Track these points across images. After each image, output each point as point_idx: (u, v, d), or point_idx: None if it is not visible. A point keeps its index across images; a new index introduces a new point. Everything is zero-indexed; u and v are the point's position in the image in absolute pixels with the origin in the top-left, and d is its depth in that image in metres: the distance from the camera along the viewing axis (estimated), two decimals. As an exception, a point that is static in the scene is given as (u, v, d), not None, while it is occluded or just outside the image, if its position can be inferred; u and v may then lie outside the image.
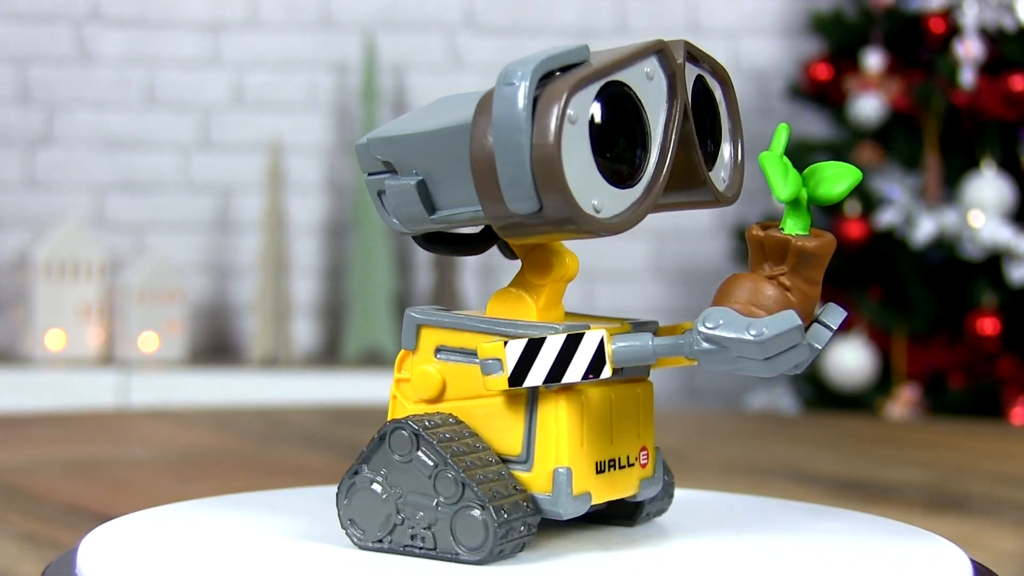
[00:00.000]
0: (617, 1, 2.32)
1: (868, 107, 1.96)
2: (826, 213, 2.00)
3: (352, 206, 2.20)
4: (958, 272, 1.93)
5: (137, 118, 2.24)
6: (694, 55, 0.40)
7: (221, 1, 2.26)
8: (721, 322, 0.36)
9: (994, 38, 1.94)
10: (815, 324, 0.38)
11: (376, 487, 0.39)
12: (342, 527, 0.39)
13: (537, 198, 0.36)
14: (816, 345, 0.37)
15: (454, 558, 0.37)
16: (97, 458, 0.81)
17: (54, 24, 2.23)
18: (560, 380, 0.37)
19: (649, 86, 0.38)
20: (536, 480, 0.38)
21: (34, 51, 2.22)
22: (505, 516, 0.37)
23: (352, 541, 0.39)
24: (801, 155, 2.02)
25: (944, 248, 1.90)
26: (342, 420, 1.05)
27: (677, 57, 0.39)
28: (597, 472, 0.39)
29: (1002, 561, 0.53)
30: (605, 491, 0.40)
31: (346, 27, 2.26)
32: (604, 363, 0.37)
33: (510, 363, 0.38)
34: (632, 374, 0.40)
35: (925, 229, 1.88)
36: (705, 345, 0.36)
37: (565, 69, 0.37)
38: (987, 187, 1.89)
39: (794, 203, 0.38)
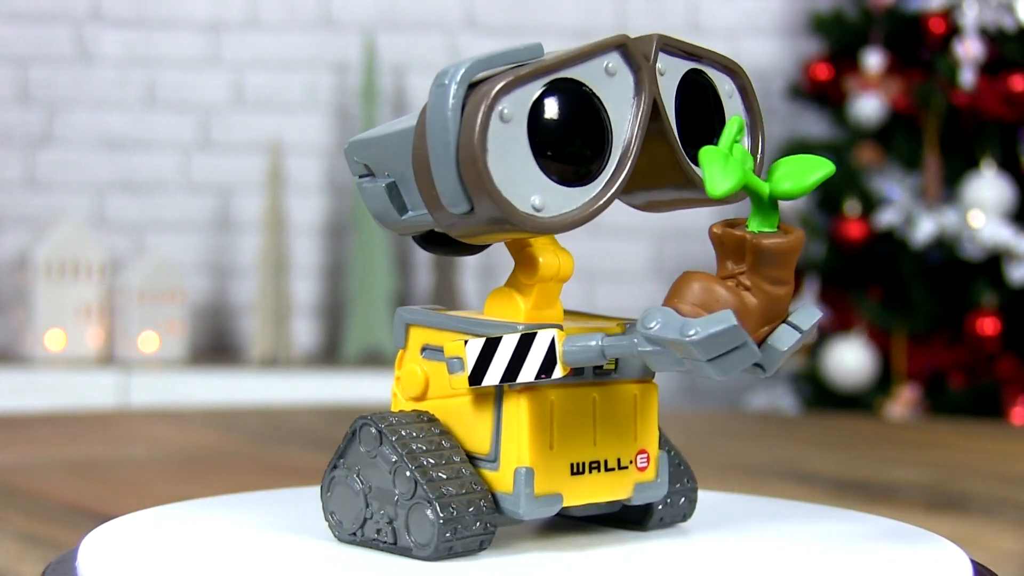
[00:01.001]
0: (617, 1, 2.32)
1: (868, 107, 1.96)
2: (826, 213, 2.00)
3: (352, 206, 2.20)
4: (958, 272, 1.93)
5: (137, 118, 2.24)
6: (684, 50, 0.40)
7: (221, 1, 2.26)
8: (659, 322, 0.35)
9: (994, 38, 1.94)
10: (782, 325, 0.37)
11: (350, 481, 0.39)
12: (325, 519, 0.40)
13: (467, 198, 0.36)
14: (779, 347, 0.36)
15: (408, 554, 0.38)
16: (97, 458, 0.81)
17: (54, 24, 2.23)
18: (515, 379, 0.37)
19: (610, 82, 0.38)
20: (501, 479, 0.38)
21: (34, 51, 2.22)
22: (453, 514, 0.37)
23: (333, 534, 0.40)
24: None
25: (944, 248, 1.90)
26: (342, 420, 1.05)
27: (645, 52, 0.38)
28: (573, 473, 0.38)
29: (1002, 561, 0.53)
30: (583, 494, 0.39)
31: (346, 27, 2.26)
32: (555, 363, 0.37)
33: (469, 362, 0.38)
34: (632, 374, 0.40)
35: (925, 229, 1.88)
36: (647, 346, 0.35)
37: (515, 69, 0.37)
38: (987, 187, 1.88)
39: (758, 200, 0.37)
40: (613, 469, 0.39)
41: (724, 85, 0.41)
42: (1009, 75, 1.91)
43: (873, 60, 1.98)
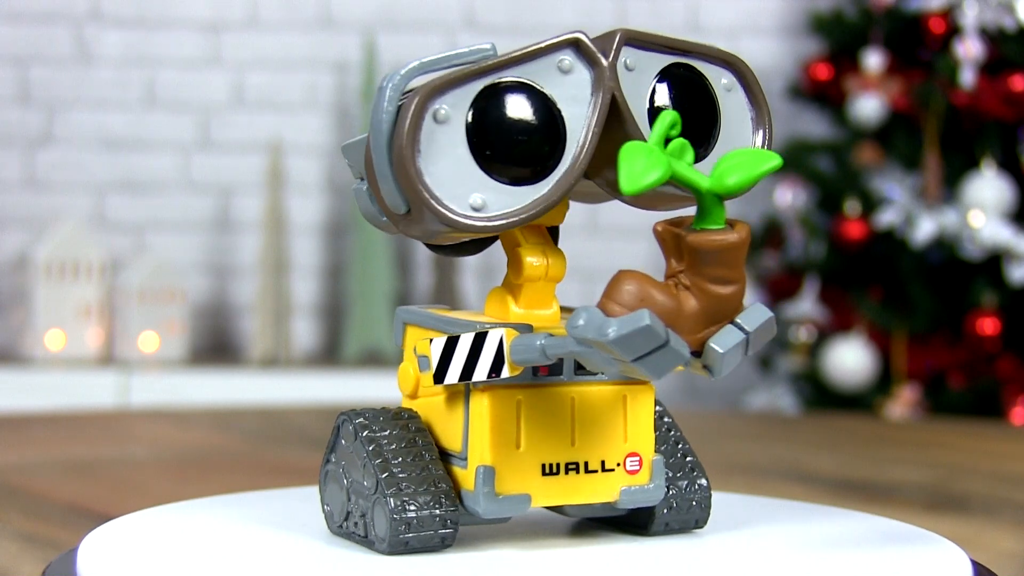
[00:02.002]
0: (617, 1, 2.32)
1: (868, 107, 1.96)
2: (826, 213, 2.00)
3: (352, 206, 2.20)
4: (958, 272, 1.93)
5: (137, 118, 2.24)
6: (667, 44, 0.39)
7: (221, 1, 2.26)
8: (583, 321, 0.34)
9: (994, 38, 1.94)
10: (727, 326, 0.36)
11: (338, 475, 0.40)
12: (322, 511, 0.41)
13: (404, 200, 0.36)
14: (717, 347, 0.36)
15: (373, 547, 0.38)
16: (97, 458, 0.81)
17: (54, 24, 2.23)
18: (471, 378, 0.37)
19: (564, 80, 0.38)
20: (468, 477, 0.38)
21: (34, 51, 2.22)
22: (408, 509, 0.37)
23: (327, 525, 0.40)
24: (801, 155, 2.02)
25: (944, 248, 1.90)
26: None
27: (605, 48, 0.38)
28: (545, 474, 0.38)
29: (1002, 561, 0.53)
30: (556, 495, 0.38)
31: (346, 27, 2.26)
32: (503, 362, 0.37)
33: (433, 360, 0.38)
34: (622, 376, 0.39)
35: (925, 229, 1.88)
36: (578, 346, 0.35)
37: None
38: (987, 187, 1.88)
39: (698, 196, 0.36)
40: (595, 471, 0.39)
41: (720, 79, 0.40)
42: (1009, 75, 1.91)
43: (873, 60, 1.98)
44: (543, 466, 0.38)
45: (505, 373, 0.37)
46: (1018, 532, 0.61)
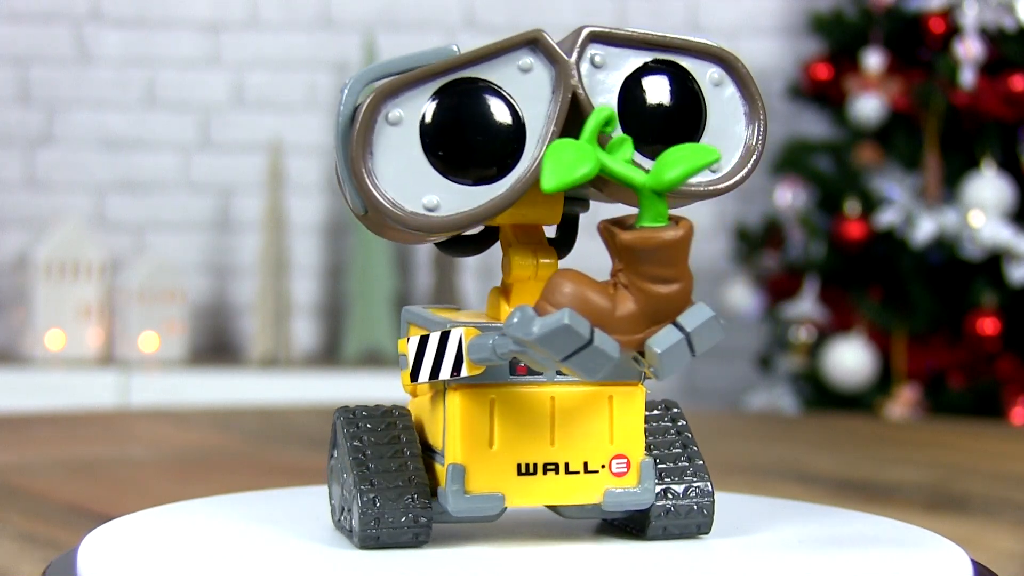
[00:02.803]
0: (617, 1, 2.32)
1: (868, 107, 1.96)
2: (826, 213, 2.00)
3: (352, 206, 2.20)
4: (958, 272, 1.93)
5: (137, 118, 2.24)
6: (645, 40, 0.39)
7: (221, 1, 2.26)
8: (516, 320, 0.34)
9: (994, 38, 1.94)
10: (668, 325, 0.35)
11: (336, 470, 0.41)
12: (329, 504, 0.41)
13: (360, 199, 0.37)
14: (654, 347, 0.35)
15: (351, 541, 0.39)
16: (97, 458, 0.81)
17: (54, 24, 2.22)
18: (438, 377, 0.37)
19: (524, 79, 0.38)
20: (443, 475, 0.38)
21: (34, 51, 2.22)
22: (376, 505, 0.38)
23: (331, 519, 0.41)
24: (801, 155, 2.02)
25: (944, 248, 1.90)
26: (342, 420, 1.05)
27: (568, 46, 0.38)
28: (520, 474, 0.38)
29: (1002, 561, 0.53)
30: (533, 495, 0.38)
31: (346, 27, 2.26)
32: (463, 361, 0.37)
33: (409, 359, 0.38)
34: (610, 376, 0.37)
35: (925, 229, 1.88)
36: (515, 345, 0.34)
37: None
38: (987, 187, 1.88)
39: (638, 193, 0.35)
40: (577, 472, 0.38)
41: (708, 73, 0.39)
42: (1009, 75, 1.91)
43: (873, 60, 1.98)
44: (519, 466, 0.38)
45: (464, 372, 0.37)
46: (1018, 532, 0.61)
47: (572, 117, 0.37)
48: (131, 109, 2.24)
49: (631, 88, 0.38)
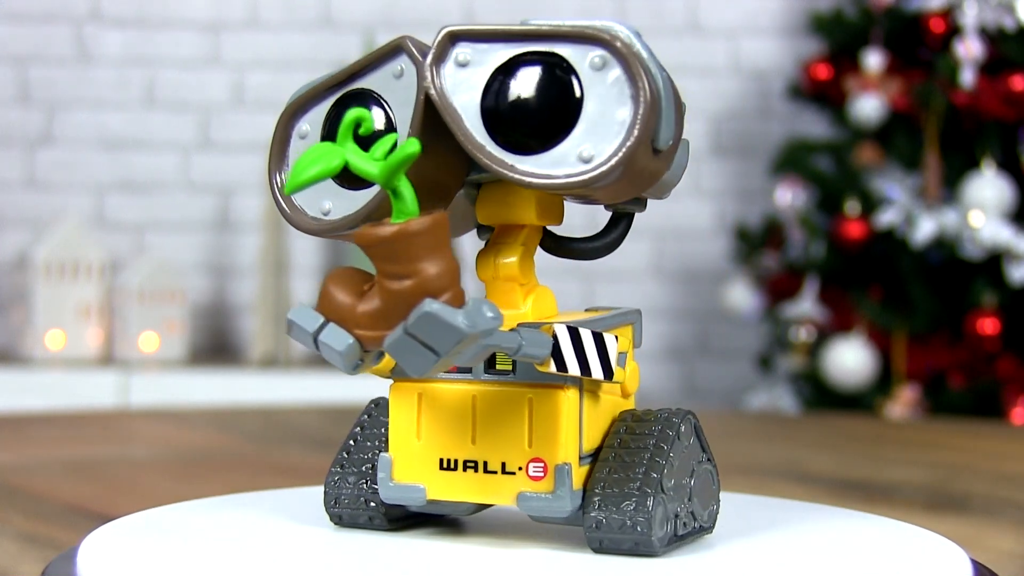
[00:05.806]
0: (617, 1, 2.32)
1: (868, 107, 1.96)
2: (826, 213, 2.00)
3: (352, 206, 2.20)
4: (958, 272, 1.93)
5: (137, 118, 2.24)
6: (518, 33, 0.39)
7: (221, 1, 2.26)
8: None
9: (994, 38, 1.94)
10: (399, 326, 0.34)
11: None
12: None
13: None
14: (384, 344, 0.34)
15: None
16: (97, 458, 0.81)
17: (54, 24, 2.23)
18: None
19: (397, 84, 0.39)
20: None
21: (34, 51, 2.22)
22: (335, 487, 0.41)
23: None
24: (801, 155, 2.02)
25: (944, 248, 1.90)
26: (342, 420, 1.05)
27: (425, 48, 0.39)
28: (442, 468, 0.38)
29: (1002, 561, 0.53)
30: (453, 490, 0.38)
31: (346, 27, 2.26)
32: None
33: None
34: (535, 378, 0.37)
35: (925, 229, 1.88)
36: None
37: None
38: (987, 187, 1.88)
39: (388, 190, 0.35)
40: (495, 472, 0.38)
41: (589, 58, 0.37)
42: (1009, 75, 1.91)
43: (873, 60, 1.98)
44: (440, 460, 0.39)
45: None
46: (1018, 532, 0.61)
47: (432, 119, 0.37)
48: (131, 109, 2.24)
49: (499, 83, 0.38)
